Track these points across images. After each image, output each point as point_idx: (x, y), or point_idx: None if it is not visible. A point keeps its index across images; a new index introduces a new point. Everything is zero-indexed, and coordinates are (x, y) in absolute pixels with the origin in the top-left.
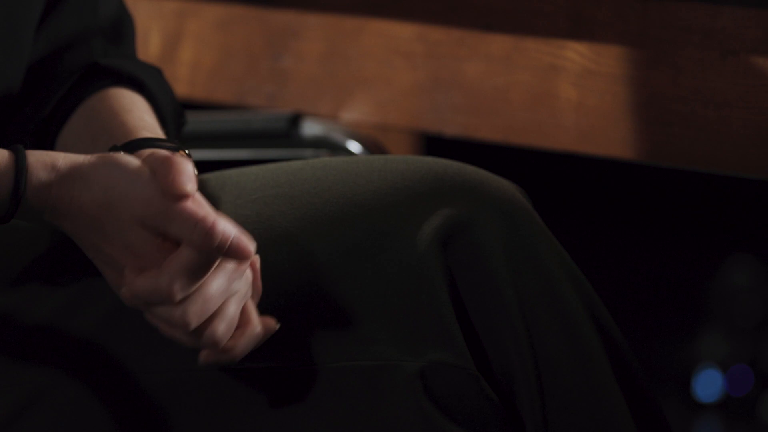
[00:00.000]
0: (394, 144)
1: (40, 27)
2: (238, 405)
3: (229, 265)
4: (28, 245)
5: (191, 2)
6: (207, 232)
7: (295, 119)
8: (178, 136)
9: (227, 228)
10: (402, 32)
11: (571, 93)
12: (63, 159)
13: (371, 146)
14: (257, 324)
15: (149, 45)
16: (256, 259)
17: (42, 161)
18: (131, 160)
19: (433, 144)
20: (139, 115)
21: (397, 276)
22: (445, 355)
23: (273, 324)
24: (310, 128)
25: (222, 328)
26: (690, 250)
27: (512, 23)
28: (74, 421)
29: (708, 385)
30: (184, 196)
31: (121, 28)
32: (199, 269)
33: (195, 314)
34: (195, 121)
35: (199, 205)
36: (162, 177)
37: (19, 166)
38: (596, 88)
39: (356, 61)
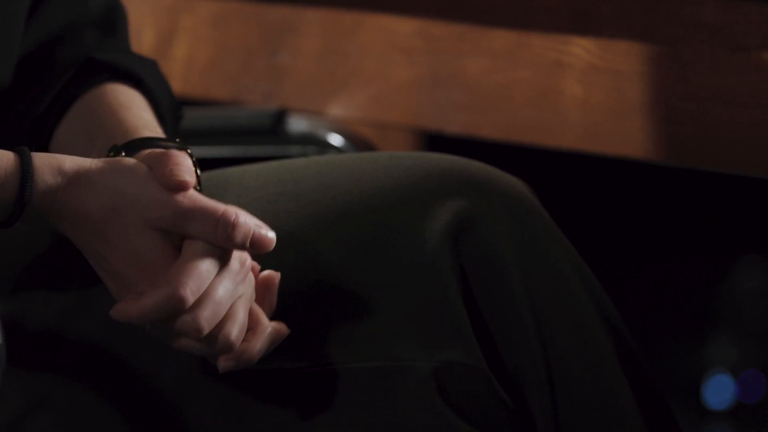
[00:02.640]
0: (395, 142)
1: (30, 18)
2: (248, 407)
3: (233, 268)
4: (29, 249)
5: None
6: (231, 225)
7: (281, 115)
8: (175, 132)
9: (248, 220)
10: (402, 28)
11: (575, 90)
12: (70, 163)
13: (358, 143)
14: (268, 324)
15: (142, 41)
16: (276, 276)
17: (48, 164)
18: (140, 166)
19: (434, 142)
20: (138, 112)
21: (407, 274)
22: (458, 354)
23: (284, 329)
24: (297, 124)
25: (235, 330)
26: (699, 251)
27: (515, 18)
28: (79, 426)
29: (718, 391)
30: (181, 186)
31: (114, 19)
32: (206, 271)
33: (207, 319)
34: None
35: (215, 201)
36: (159, 170)
37: (25, 169)
38: (602, 84)
39: (355, 58)
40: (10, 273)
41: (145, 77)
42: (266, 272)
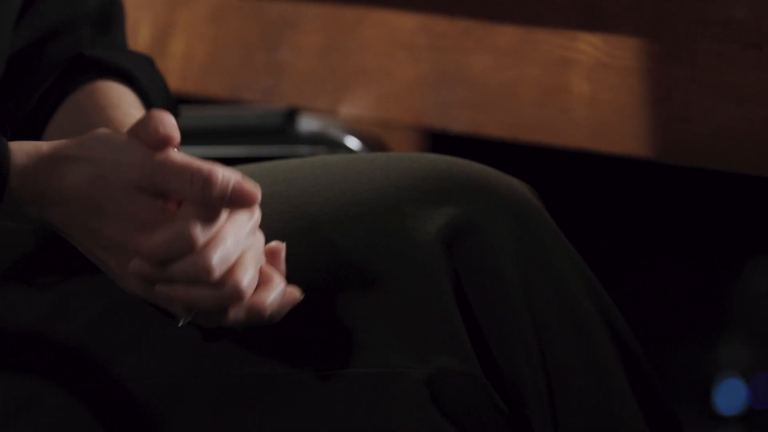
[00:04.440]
0: (398, 141)
1: (26, 14)
2: (235, 413)
3: (241, 218)
4: (12, 248)
5: None
6: (205, 180)
7: (291, 114)
8: None
9: (226, 174)
10: (405, 23)
11: (583, 87)
12: (47, 144)
13: (371, 143)
14: (280, 281)
15: (138, 37)
16: (281, 246)
17: (24, 148)
18: (117, 134)
19: (438, 141)
20: (127, 110)
21: (400, 278)
22: (453, 361)
23: (297, 292)
24: (307, 124)
25: (246, 277)
26: (710, 252)
27: (521, 14)
28: (62, 429)
29: (730, 396)
30: (167, 141)
31: (110, 15)
32: (214, 213)
33: (218, 260)
34: (186, 116)
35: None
36: (143, 130)
37: (0, 152)
38: (610, 82)
39: (356, 54)
40: None
41: (136, 74)
42: (272, 243)
